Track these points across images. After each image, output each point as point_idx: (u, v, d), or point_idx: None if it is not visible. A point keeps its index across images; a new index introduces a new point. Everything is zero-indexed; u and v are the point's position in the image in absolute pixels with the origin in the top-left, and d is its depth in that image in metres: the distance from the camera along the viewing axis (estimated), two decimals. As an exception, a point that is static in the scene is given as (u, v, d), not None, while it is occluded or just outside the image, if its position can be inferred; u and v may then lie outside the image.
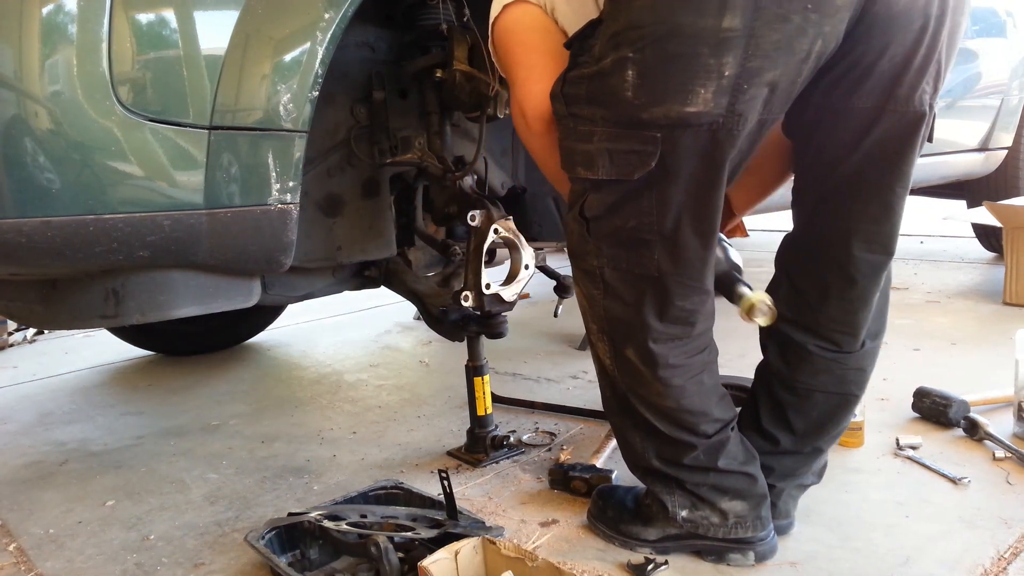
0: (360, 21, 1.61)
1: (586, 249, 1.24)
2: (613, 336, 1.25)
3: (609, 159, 1.14)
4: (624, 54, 1.08)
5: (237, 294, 1.40)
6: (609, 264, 1.21)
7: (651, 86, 1.07)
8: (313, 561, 1.37)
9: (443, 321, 1.79)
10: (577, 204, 1.23)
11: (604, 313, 1.25)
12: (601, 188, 1.17)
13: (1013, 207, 3.09)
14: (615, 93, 1.10)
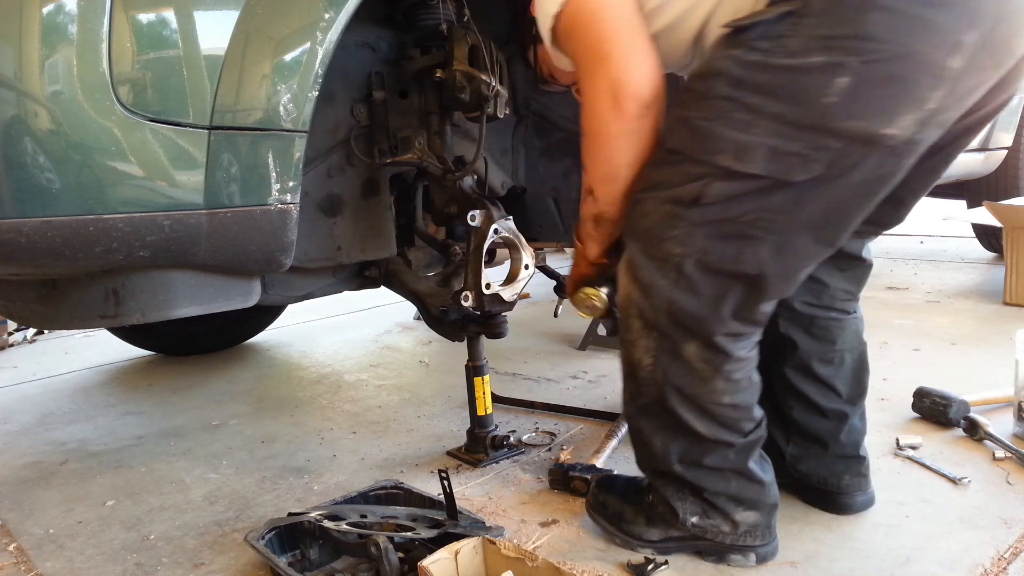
0: (360, 21, 1.61)
1: (669, 235, 1.16)
2: (670, 332, 1.20)
3: (767, 155, 1.09)
4: (840, 60, 1.04)
5: (237, 294, 1.40)
6: (696, 255, 1.15)
7: (861, 100, 1.06)
8: (313, 561, 1.37)
9: (443, 321, 1.79)
10: (677, 187, 1.15)
11: (666, 306, 1.19)
12: (733, 178, 1.11)
13: (1013, 207, 3.09)
14: (809, 94, 1.06)
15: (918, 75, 1.05)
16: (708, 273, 1.17)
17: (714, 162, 1.12)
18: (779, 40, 1.08)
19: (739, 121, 1.10)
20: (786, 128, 1.08)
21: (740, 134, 1.10)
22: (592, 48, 1.21)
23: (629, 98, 1.18)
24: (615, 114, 1.19)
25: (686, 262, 1.16)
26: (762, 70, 1.09)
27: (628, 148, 1.22)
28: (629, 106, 1.18)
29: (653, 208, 1.19)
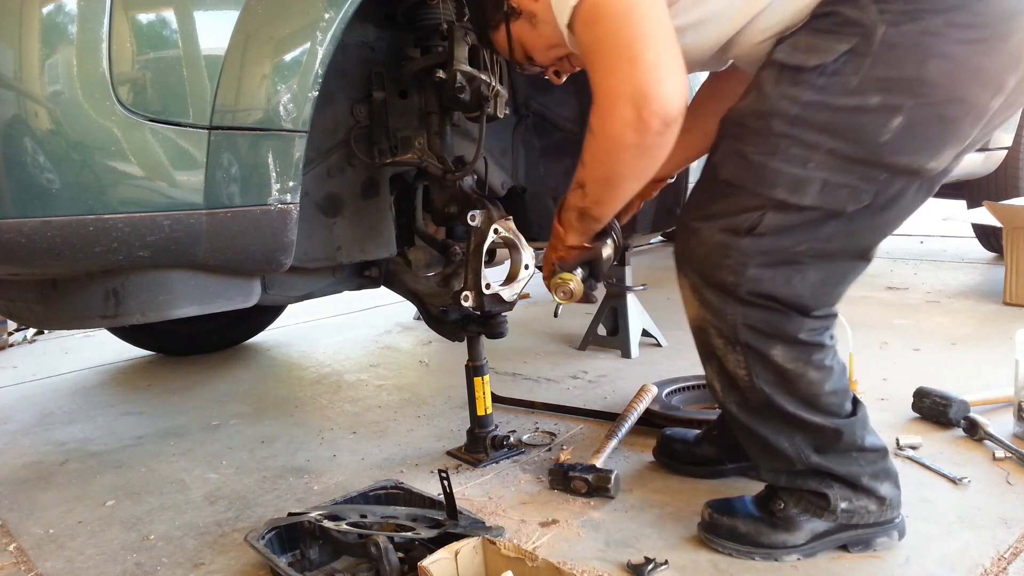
0: (360, 21, 1.61)
1: (724, 264, 1.20)
2: (752, 343, 1.23)
3: (820, 188, 1.14)
4: (897, 102, 1.10)
5: (237, 294, 1.40)
6: (748, 283, 1.19)
7: (912, 138, 1.12)
8: (313, 561, 1.37)
9: (443, 321, 1.79)
10: (731, 217, 1.18)
11: (741, 321, 1.22)
12: (787, 210, 1.16)
13: (1013, 207, 3.09)
14: (866, 131, 1.12)
15: (964, 115, 1.14)
16: (763, 295, 1.20)
17: (770, 195, 1.16)
18: (837, 78, 1.12)
19: (796, 156, 1.14)
20: (840, 162, 1.13)
21: (796, 169, 1.14)
22: (621, 45, 1.13)
23: (654, 113, 1.11)
24: (635, 125, 1.13)
25: (741, 288, 1.20)
26: (821, 109, 1.13)
27: (635, 161, 1.19)
28: (652, 122, 1.12)
29: (708, 237, 1.21)
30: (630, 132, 1.14)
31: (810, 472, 1.29)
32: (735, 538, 1.33)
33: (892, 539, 1.32)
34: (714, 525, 1.35)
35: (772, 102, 1.15)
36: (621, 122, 1.14)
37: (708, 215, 1.22)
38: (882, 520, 1.31)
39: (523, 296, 1.86)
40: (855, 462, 1.29)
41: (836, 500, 1.29)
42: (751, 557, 1.31)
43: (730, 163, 1.19)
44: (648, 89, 1.11)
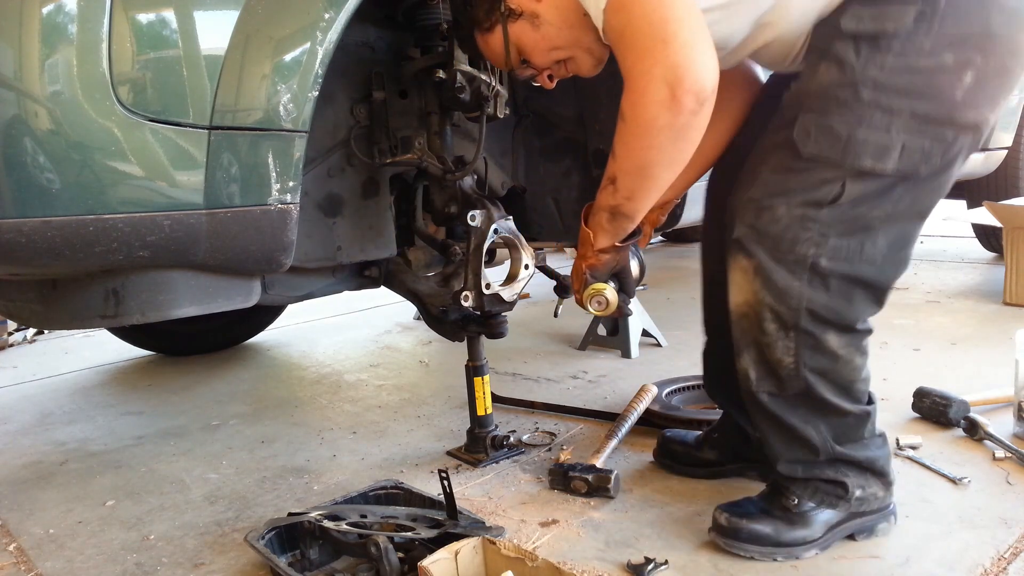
0: (360, 21, 1.61)
1: (804, 237, 1.20)
2: (810, 328, 1.23)
3: (900, 152, 1.16)
4: (969, 57, 1.14)
5: (237, 294, 1.40)
6: (828, 252, 1.20)
7: (981, 92, 1.16)
8: (313, 561, 1.37)
9: (443, 321, 1.79)
10: (811, 191, 1.19)
11: (805, 304, 1.22)
12: (866, 178, 1.18)
13: (1013, 207, 3.09)
14: (943, 90, 1.15)
15: (1018, 65, 1.19)
16: (839, 269, 1.22)
17: (855, 165, 1.17)
18: (913, 40, 1.14)
19: (881, 123, 1.16)
20: (919, 124, 1.16)
21: (881, 135, 1.16)
22: (653, 27, 1.12)
23: (688, 91, 1.10)
24: (668, 105, 1.12)
25: (820, 260, 1.20)
26: (903, 72, 1.15)
27: (670, 144, 1.17)
28: (687, 99, 1.11)
29: (784, 213, 1.21)
30: (664, 112, 1.12)
31: (828, 462, 1.31)
32: (757, 540, 1.32)
33: (890, 524, 1.38)
34: (735, 530, 1.32)
35: (859, 70, 1.16)
36: (655, 103, 1.12)
37: (785, 191, 1.21)
38: (886, 505, 1.36)
39: (523, 296, 1.86)
40: (869, 447, 1.33)
41: (852, 488, 1.31)
42: (774, 558, 1.31)
43: (817, 138, 1.18)
44: (681, 68, 1.10)
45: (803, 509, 1.32)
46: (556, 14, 1.29)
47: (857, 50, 1.16)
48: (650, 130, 1.15)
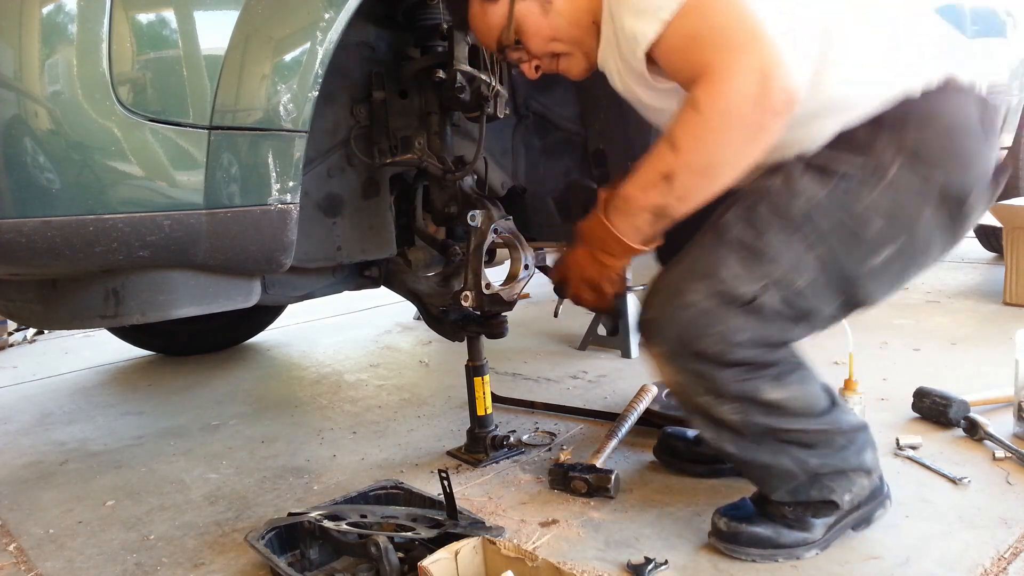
0: (360, 21, 1.61)
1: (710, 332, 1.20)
2: (743, 392, 1.24)
3: (810, 280, 1.22)
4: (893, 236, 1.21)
5: (237, 294, 1.40)
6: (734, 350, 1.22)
7: (887, 273, 1.24)
8: (313, 561, 1.37)
9: (443, 321, 1.79)
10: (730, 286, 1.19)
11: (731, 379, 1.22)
12: (783, 290, 1.21)
13: (1013, 207, 3.09)
14: (859, 250, 1.21)
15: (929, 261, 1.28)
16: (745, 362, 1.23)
17: (771, 271, 1.18)
18: (852, 192, 1.20)
19: (804, 240, 1.19)
20: (831, 266, 1.21)
21: (801, 251, 1.19)
22: (741, 22, 1.06)
23: (780, 87, 1.04)
24: (757, 99, 1.04)
25: (725, 358, 1.20)
26: (837, 209, 1.19)
27: (745, 144, 1.10)
28: (776, 97, 1.04)
29: (696, 301, 1.19)
30: (750, 106, 1.05)
31: (809, 481, 1.30)
32: (757, 543, 1.32)
33: (886, 509, 1.38)
34: (735, 533, 1.33)
35: (800, 184, 1.19)
36: (743, 95, 1.05)
37: (705, 275, 1.19)
38: (874, 492, 1.35)
39: (523, 296, 1.86)
40: (846, 450, 1.32)
41: (841, 496, 1.31)
42: (775, 560, 1.31)
43: (741, 229, 1.19)
44: (775, 63, 1.04)
45: (798, 515, 1.32)
46: (569, 7, 1.27)
47: (804, 171, 1.20)
48: (731, 124, 1.07)
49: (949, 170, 1.19)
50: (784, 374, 1.26)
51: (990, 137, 1.24)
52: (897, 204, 1.18)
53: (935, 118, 1.19)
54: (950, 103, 1.20)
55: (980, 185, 1.22)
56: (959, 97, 1.21)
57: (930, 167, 1.18)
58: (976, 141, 1.21)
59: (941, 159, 1.19)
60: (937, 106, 1.19)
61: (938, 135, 1.19)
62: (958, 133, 1.20)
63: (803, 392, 1.28)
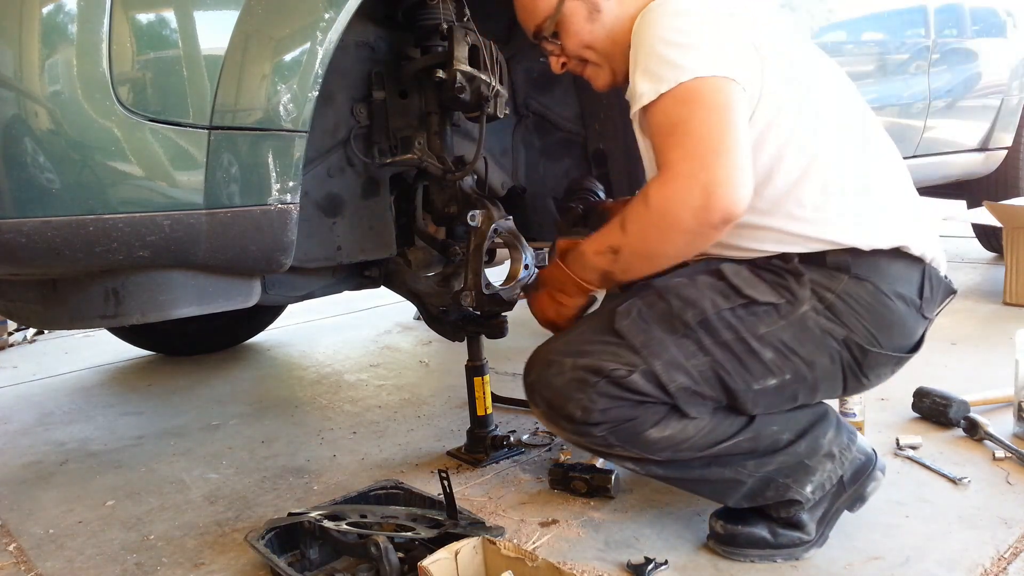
0: (360, 21, 1.61)
1: (575, 397, 1.25)
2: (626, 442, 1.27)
3: (684, 384, 1.25)
4: (783, 367, 1.25)
5: (237, 294, 1.40)
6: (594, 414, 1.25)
7: (770, 399, 1.28)
8: (313, 561, 1.37)
9: (443, 321, 1.79)
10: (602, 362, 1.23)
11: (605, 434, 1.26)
12: (651, 382, 1.24)
13: (1013, 207, 3.09)
14: (747, 373, 1.25)
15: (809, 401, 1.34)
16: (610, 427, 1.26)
17: (647, 361, 1.22)
18: (755, 318, 1.24)
19: (687, 348, 1.24)
20: (713, 379, 1.24)
21: (680, 356, 1.23)
22: (711, 134, 1.13)
23: (721, 207, 1.11)
24: (698, 212, 1.12)
25: (588, 420, 1.24)
26: (730, 329, 1.24)
27: (684, 245, 1.20)
28: (716, 215, 1.12)
29: (569, 367, 1.24)
30: (691, 218, 1.13)
31: (762, 483, 1.30)
32: (754, 544, 1.32)
33: (878, 480, 1.36)
34: (732, 536, 1.33)
35: (699, 293, 1.23)
36: (686, 206, 1.13)
37: (579, 352, 1.25)
38: (859, 469, 1.33)
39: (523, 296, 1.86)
40: (790, 442, 1.30)
41: (800, 492, 1.29)
42: (774, 560, 1.31)
43: (631, 319, 1.24)
44: (724, 185, 1.11)
45: (786, 512, 1.31)
46: (613, 24, 1.33)
47: (712, 285, 1.24)
48: (672, 228, 1.16)
49: (858, 331, 1.22)
50: (660, 420, 1.25)
51: (925, 308, 1.27)
52: (797, 343, 1.22)
53: (871, 278, 1.22)
54: (892, 268, 1.23)
55: (888, 355, 1.25)
56: (903, 265, 1.24)
57: (840, 322, 1.22)
58: (905, 311, 1.24)
59: (857, 318, 1.22)
60: (877, 267, 1.22)
61: (866, 294, 1.22)
62: (888, 299, 1.22)
63: (699, 424, 1.26)
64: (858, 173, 1.25)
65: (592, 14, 1.34)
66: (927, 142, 3.12)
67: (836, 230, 1.21)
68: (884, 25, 2.91)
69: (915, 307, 1.25)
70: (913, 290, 1.25)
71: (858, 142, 1.28)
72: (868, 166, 1.27)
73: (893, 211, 1.26)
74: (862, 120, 1.32)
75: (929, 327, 1.32)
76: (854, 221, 1.22)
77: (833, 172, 1.23)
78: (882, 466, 1.36)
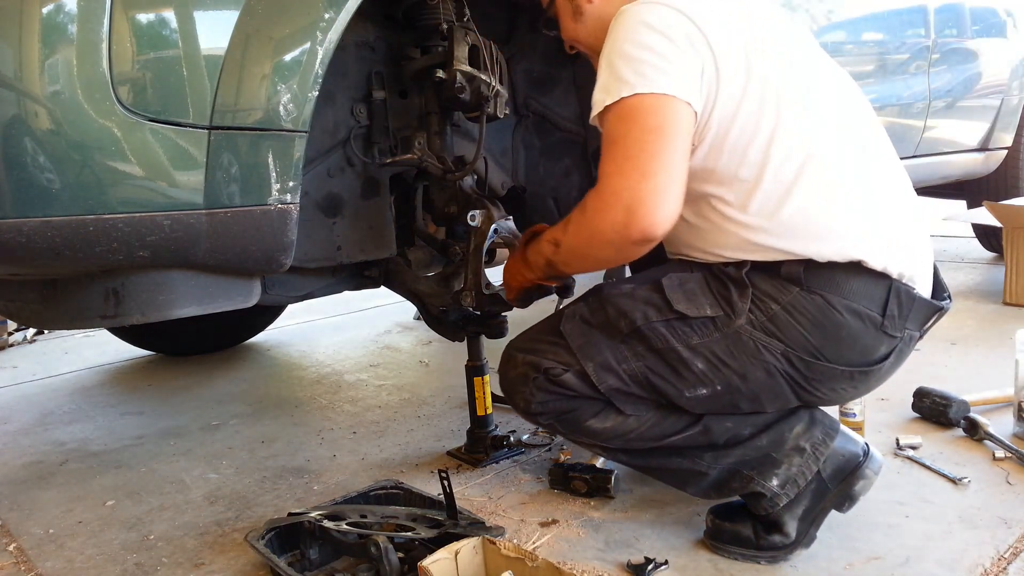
0: (360, 21, 1.61)
1: (520, 390, 1.40)
2: (573, 432, 1.40)
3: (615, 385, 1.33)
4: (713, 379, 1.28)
5: (237, 294, 1.40)
6: (536, 405, 1.40)
7: (701, 407, 1.32)
8: (313, 561, 1.37)
9: (443, 321, 1.79)
10: (544, 360, 1.34)
11: (552, 423, 1.42)
12: (584, 381, 1.32)
13: (1013, 207, 3.09)
14: (678, 381, 1.29)
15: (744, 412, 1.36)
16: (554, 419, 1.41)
17: (582, 363, 1.30)
18: (688, 330, 1.28)
19: (619, 352, 1.30)
20: (642, 386, 1.31)
21: (612, 359, 1.30)
22: (641, 154, 1.16)
23: (640, 227, 1.16)
24: (619, 229, 1.17)
25: (530, 409, 1.40)
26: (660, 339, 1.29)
27: (609, 256, 1.28)
28: (634, 233, 1.16)
29: (518, 363, 1.37)
30: (612, 233, 1.19)
31: (727, 475, 1.32)
32: (739, 542, 1.33)
33: (868, 479, 1.32)
34: (718, 531, 1.35)
35: (633, 305, 1.27)
36: (608, 222, 1.18)
37: (529, 349, 1.36)
38: (840, 468, 1.31)
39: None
40: (752, 435, 1.30)
41: (764, 485, 1.29)
42: (756, 561, 1.31)
43: (573, 323, 1.32)
44: (644, 206, 1.15)
45: (763, 510, 1.31)
46: (594, 24, 1.39)
47: (648, 297, 1.27)
48: (596, 238, 1.23)
49: (797, 344, 1.21)
50: (599, 413, 1.33)
51: (889, 326, 1.23)
52: (728, 355, 1.23)
53: (823, 291, 1.20)
54: (851, 283, 1.20)
55: (838, 368, 1.23)
56: (864, 281, 1.20)
57: (780, 335, 1.21)
58: (858, 327, 1.21)
59: (799, 331, 1.20)
60: (833, 281, 1.20)
61: (813, 308, 1.20)
62: (837, 313, 1.20)
63: (627, 420, 1.32)
64: (838, 182, 1.22)
65: (576, 15, 1.43)
66: (927, 142, 3.12)
67: (789, 240, 1.20)
68: (884, 25, 2.91)
69: (874, 324, 1.21)
70: (874, 306, 1.21)
71: (850, 149, 1.26)
72: (854, 173, 1.24)
73: (855, 224, 1.20)
74: (861, 124, 1.31)
75: (908, 345, 1.29)
76: (809, 231, 1.19)
77: (810, 179, 1.20)
78: (876, 466, 1.33)
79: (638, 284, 1.30)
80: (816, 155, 1.21)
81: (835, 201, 1.21)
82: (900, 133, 2.98)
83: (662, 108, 1.16)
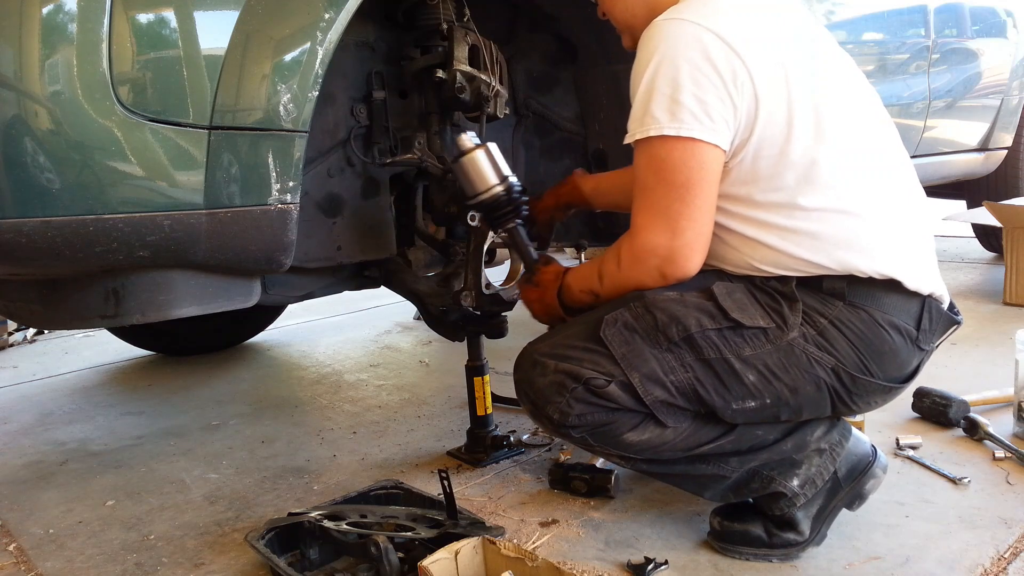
0: (360, 21, 1.61)
1: (555, 400, 1.30)
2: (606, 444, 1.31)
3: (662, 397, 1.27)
4: (763, 391, 1.25)
5: (237, 294, 1.40)
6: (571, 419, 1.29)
7: (743, 416, 1.28)
8: (313, 561, 1.37)
9: (443, 321, 1.79)
10: (583, 368, 1.26)
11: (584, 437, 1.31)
12: (628, 393, 1.26)
13: (1013, 207, 3.09)
14: (727, 392, 1.25)
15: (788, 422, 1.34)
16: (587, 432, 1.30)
17: (626, 373, 1.24)
18: (740, 340, 1.25)
19: (667, 362, 1.25)
20: (691, 394, 1.26)
21: (659, 370, 1.25)
22: (670, 209, 1.21)
23: (674, 279, 1.25)
24: (656, 278, 1.25)
25: (565, 424, 1.28)
26: (713, 348, 1.25)
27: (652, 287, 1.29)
28: (671, 279, 1.25)
29: (550, 370, 1.28)
30: (649, 282, 1.27)
31: (747, 476, 1.31)
32: (750, 542, 1.32)
33: (878, 478, 1.34)
34: (728, 532, 1.34)
35: (685, 311, 1.23)
36: (644, 274, 1.26)
37: (563, 356, 1.28)
38: (854, 467, 1.32)
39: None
40: (776, 441, 1.30)
41: (785, 485, 1.29)
42: (768, 559, 1.31)
43: (616, 329, 1.26)
44: (676, 262, 1.23)
45: (778, 510, 1.31)
46: (635, 4, 1.35)
47: (699, 305, 1.24)
48: (638, 286, 1.28)
49: (848, 359, 1.22)
50: (643, 424, 1.27)
51: (922, 340, 1.25)
52: (781, 368, 1.22)
53: (866, 306, 1.22)
54: (889, 299, 1.22)
55: (879, 384, 1.25)
56: (900, 297, 1.23)
57: (831, 349, 1.22)
58: (899, 342, 1.23)
59: (849, 346, 1.22)
60: (873, 296, 1.22)
61: (859, 322, 1.22)
62: (882, 329, 1.22)
63: (665, 431, 1.27)
64: (864, 199, 1.24)
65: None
66: (927, 142, 3.12)
67: (829, 255, 1.21)
68: (884, 25, 2.91)
69: (911, 338, 1.24)
70: (910, 321, 1.24)
71: (872, 166, 1.27)
72: (877, 191, 1.26)
73: (892, 242, 1.24)
74: (892, 143, 1.32)
75: (926, 359, 1.30)
76: (852, 248, 1.21)
77: (833, 195, 1.22)
78: (883, 464, 1.35)
79: (684, 290, 1.27)
80: (858, 173, 1.23)
81: (874, 219, 1.22)
82: (900, 133, 2.96)
83: (691, 158, 1.19)
